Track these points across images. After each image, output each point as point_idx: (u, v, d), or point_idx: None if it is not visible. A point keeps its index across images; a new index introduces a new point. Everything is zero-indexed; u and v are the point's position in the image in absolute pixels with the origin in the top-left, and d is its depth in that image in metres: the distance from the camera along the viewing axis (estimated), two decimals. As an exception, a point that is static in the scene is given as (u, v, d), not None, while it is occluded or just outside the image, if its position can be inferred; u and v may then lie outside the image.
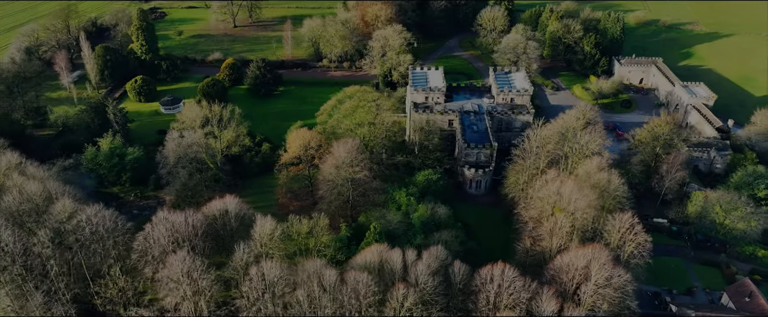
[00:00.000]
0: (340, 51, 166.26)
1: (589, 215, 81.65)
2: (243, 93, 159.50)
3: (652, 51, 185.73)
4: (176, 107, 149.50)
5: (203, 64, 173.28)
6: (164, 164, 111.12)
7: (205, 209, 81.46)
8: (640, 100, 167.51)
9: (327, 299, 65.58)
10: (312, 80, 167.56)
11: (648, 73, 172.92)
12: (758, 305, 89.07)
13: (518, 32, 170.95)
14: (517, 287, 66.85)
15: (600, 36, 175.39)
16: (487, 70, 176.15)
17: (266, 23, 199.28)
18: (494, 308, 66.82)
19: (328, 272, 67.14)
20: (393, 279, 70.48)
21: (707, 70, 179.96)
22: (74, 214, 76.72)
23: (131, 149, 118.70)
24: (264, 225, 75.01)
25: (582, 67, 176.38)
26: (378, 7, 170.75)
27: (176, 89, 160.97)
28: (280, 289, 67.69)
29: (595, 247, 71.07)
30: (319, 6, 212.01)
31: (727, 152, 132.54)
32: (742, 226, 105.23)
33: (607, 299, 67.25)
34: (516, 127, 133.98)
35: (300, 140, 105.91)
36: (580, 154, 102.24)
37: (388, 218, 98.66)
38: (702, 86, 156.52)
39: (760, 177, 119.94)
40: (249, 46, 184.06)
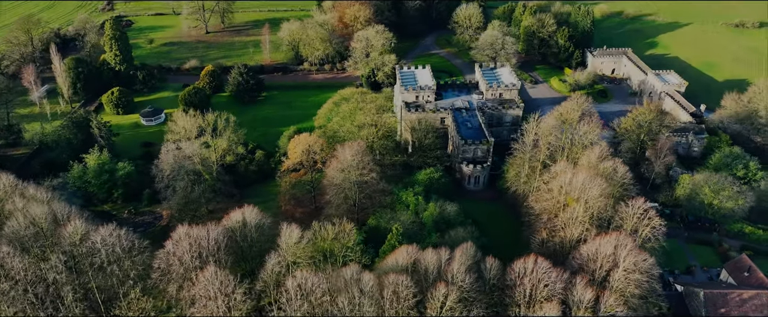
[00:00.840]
0: (321, 54, 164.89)
1: (602, 204, 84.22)
2: (225, 100, 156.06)
3: (618, 42, 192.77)
4: (158, 117, 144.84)
5: (179, 72, 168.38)
6: (161, 177, 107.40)
7: (224, 221, 79.23)
8: (614, 89, 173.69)
9: (368, 304, 65.14)
10: (294, 83, 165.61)
11: (619, 63, 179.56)
12: (758, 279, 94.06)
13: (495, 28, 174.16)
14: (553, 278, 68.30)
15: (572, 29, 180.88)
16: (466, 67, 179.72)
17: (239, 28, 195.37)
18: (531, 300, 68.04)
19: (365, 277, 66.70)
20: (427, 279, 70.66)
21: (672, 58, 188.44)
22: (87, 236, 73.15)
23: (121, 163, 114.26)
24: (290, 234, 73.68)
25: (557, 60, 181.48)
26: (356, 8, 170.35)
27: (154, 100, 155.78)
28: (318, 298, 66.76)
29: (620, 234, 73.47)
30: (292, 8, 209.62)
31: (703, 136, 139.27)
32: (730, 205, 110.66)
33: (636, 283, 69.70)
34: (506, 121, 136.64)
35: (302, 146, 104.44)
36: (579, 144, 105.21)
37: (398, 219, 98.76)
38: (673, 73, 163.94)
39: (737, 158, 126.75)
40: (225, 52, 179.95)
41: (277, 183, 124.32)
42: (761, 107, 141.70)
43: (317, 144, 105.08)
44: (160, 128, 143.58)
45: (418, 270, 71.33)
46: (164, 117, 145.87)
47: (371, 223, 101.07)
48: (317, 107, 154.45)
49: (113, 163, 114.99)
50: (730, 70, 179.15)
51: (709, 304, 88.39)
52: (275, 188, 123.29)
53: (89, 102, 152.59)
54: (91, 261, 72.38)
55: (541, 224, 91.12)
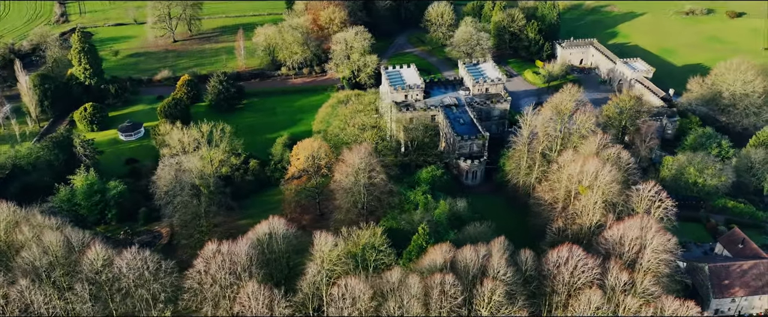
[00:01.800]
0: (300, 57, 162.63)
1: (614, 189, 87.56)
2: (204, 110, 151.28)
3: (581, 33, 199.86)
4: (137, 132, 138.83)
5: (151, 84, 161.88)
6: (160, 194, 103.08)
7: (250, 234, 77.09)
8: (584, 79, 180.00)
9: (418, 306, 65.19)
10: (274, 89, 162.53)
11: (587, 53, 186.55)
12: (752, 249, 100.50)
13: (468, 25, 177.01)
14: (590, 265, 70.52)
15: (539, 23, 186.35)
16: (442, 64, 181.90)
17: (208, 35, 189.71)
18: (572, 288, 70.01)
19: (411, 279, 66.67)
20: (466, 276, 71.36)
21: (633, 46, 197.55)
22: (110, 261, 69.45)
23: (113, 182, 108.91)
24: (325, 242, 72.58)
25: (528, 53, 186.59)
26: (331, 10, 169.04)
27: (129, 114, 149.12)
28: (365, 304, 66.20)
29: (643, 217, 76.70)
30: (259, 12, 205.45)
31: (675, 119, 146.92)
32: (714, 182, 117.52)
33: (665, 263, 73.06)
34: (495, 116, 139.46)
35: (307, 151, 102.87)
36: (576, 133, 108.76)
37: (410, 219, 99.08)
38: (639, 61, 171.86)
39: (710, 137, 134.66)
40: (196, 61, 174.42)
41: (275, 192, 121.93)
42: (724, 89, 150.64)
43: (322, 149, 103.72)
44: (140, 143, 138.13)
45: (456, 268, 71.88)
46: (144, 131, 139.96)
47: (384, 225, 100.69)
48: (301, 112, 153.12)
49: (102, 182, 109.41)
50: (686, 56, 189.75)
51: (714, 277, 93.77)
52: (274, 197, 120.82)
53: (59, 120, 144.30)
54: (117, 287, 68.74)
55: (554, 213, 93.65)
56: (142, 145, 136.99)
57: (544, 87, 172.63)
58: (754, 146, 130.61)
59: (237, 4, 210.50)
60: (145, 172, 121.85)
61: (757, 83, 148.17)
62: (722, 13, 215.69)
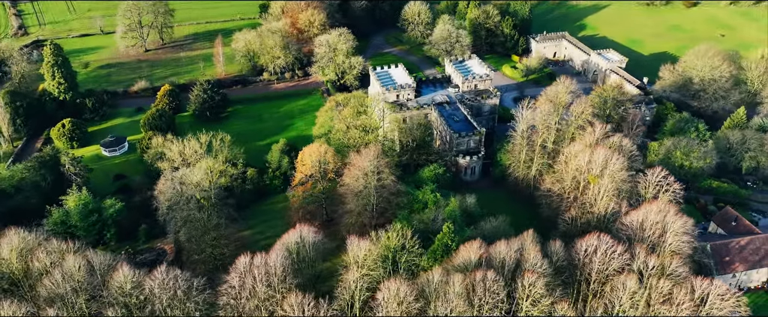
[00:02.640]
0: (282, 62, 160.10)
1: (624, 176, 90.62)
2: (188, 120, 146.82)
3: (551, 27, 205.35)
4: (121, 147, 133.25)
5: (127, 96, 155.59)
6: (163, 209, 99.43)
7: (279, 244, 75.51)
8: (559, 71, 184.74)
9: (464, 304, 65.60)
10: (257, 95, 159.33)
11: (560, 46, 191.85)
12: (745, 226, 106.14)
13: (445, 23, 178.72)
14: (619, 251, 72.76)
15: (512, 18, 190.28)
16: (422, 63, 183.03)
17: (181, 43, 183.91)
18: (605, 275, 72.05)
19: (455, 278, 67.00)
20: (502, 270, 72.29)
21: (601, 38, 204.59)
22: (141, 282, 66.58)
23: (109, 201, 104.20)
24: (359, 247, 71.93)
25: (504, 48, 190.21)
26: (310, 13, 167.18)
27: (109, 128, 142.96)
28: (408, 306, 66.06)
29: (661, 201, 79.72)
30: (231, 18, 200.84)
31: (653, 106, 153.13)
32: (700, 164, 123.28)
33: (688, 244, 76.26)
34: (485, 111, 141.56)
35: (314, 156, 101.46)
36: (574, 125, 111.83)
37: (422, 219, 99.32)
38: (612, 51, 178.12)
39: (688, 122, 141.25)
40: (172, 70, 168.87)
41: (276, 200, 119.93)
42: (694, 75, 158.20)
43: (329, 154, 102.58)
44: (126, 158, 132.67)
45: (492, 263, 72.68)
46: (128, 146, 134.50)
47: (398, 225, 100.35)
48: (289, 117, 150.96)
49: (98, 201, 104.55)
50: (652, 45, 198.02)
51: (716, 255, 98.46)
52: (275, 205, 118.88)
53: (33, 138, 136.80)
54: (151, 309, 65.95)
55: (566, 203, 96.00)
56: (128, 160, 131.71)
57: (522, 81, 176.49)
58: (730, 128, 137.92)
59: (207, 11, 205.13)
60: (138, 188, 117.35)
61: (723, 67, 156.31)
62: (680, 2, 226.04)
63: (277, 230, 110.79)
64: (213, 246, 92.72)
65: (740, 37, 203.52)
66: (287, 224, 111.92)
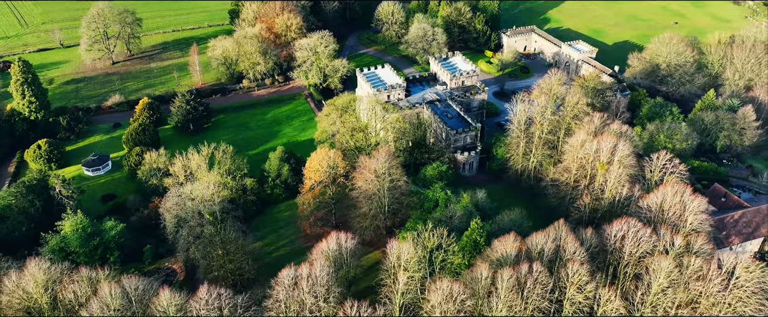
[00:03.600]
0: (263, 68, 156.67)
1: (632, 161, 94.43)
2: (171, 133, 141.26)
3: (518, 21, 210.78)
4: (105, 165, 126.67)
5: (101, 111, 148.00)
6: (171, 227, 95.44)
7: (317, 252, 74.09)
8: (531, 64, 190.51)
9: (514, 297, 66.59)
10: (239, 104, 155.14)
11: (529, 40, 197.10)
12: (734, 201, 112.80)
13: (420, 22, 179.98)
14: (647, 234, 75.79)
15: (482, 14, 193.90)
16: (399, 62, 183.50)
17: (150, 53, 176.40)
18: (636, 257, 74.87)
19: (503, 273, 67.87)
20: (541, 260, 73.79)
21: (566, 29, 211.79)
22: (185, 304, 63.76)
23: (109, 222, 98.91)
24: (404, 251, 71.63)
25: (477, 44, 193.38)
26: (286, 17, 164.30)
27: (87, 146, 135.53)
28: (460, 304, 66.43)
29: (675, 183, 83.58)
30: (199, 26, 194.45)
31: (627, 93, 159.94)
32: (682, 146, 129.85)
33: (704, 221, 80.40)
34: (474, 107, 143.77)
35: (325, 161, 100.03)
36: (570, 114, 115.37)
37: (433, 216, 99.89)
38: (581, 42, 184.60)
39: (662, 106, 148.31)
40: (145, 82, 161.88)
41: (279, 209, 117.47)
42: (660, 61, 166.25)
43: (338, 158, 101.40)
44: (111, 177, 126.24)
45: (531, 255, 74.08)
46: (111, 164, 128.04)
47: (413, 224, 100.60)
48: (277, 124, 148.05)
49: (97, 224, 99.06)
50: (614, 35, 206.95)
51: (714, 230, 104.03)
52: (279, 214, 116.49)
53: (4, 162, 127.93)
54: (198, 332, 63.28)
55: (577, 192, 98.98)
56: (114, 179, 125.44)
57: (499, 75, 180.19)
58: (703, 110, 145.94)
59: (174, 19, 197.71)
60: (133, 207, 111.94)
61: (687, 53, 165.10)
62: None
63: (287, 240, 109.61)
64: (231, 260, 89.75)
65: (692, 24, 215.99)
66: (298, 231, 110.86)
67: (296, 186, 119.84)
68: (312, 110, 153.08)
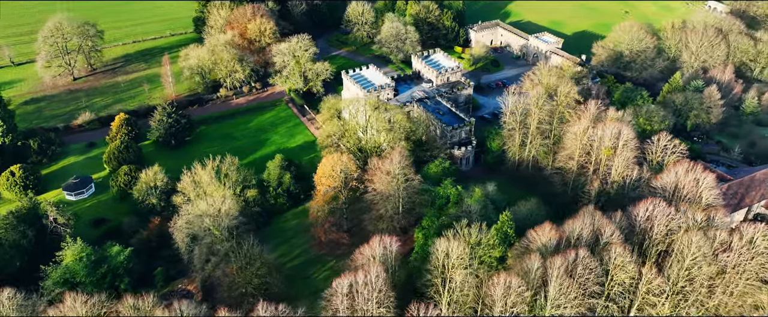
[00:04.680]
0: (241, 76, 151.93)
1: (635, 144, 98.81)
2: (152, 149, 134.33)
3: (482, 17, 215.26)
4: (88, 188, 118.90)
5: (71, 131, 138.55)
6: (186, 247, 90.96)
7: (362, 259, 72.78)
8: (500, 57, 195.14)
9: (568, 284, 68.16)
10: (220, 114, 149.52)
11: (496, 34, 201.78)
12: (719, 175, 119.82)
13: (391, 21, 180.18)
14: (672, 213, 79.57)
15: (448, 10, 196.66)
16: (373, 62, 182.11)
17: (114, 66, 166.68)
18: (664, 234, 78.43)
19: (554, 262, 69.25)
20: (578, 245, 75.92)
21: (526, 22, 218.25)
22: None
23: (115, 247, 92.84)
24: (454, 249, 71.65)
25: (446, 40, 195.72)
26: (259, 22, 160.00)
27: (62, 170, 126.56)
28: (520, 296, 67.33)
29: (686, 162, 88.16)
30: (160, 35, 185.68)
31: (597, 80, 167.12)
32: (660, 127, 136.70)
33: (717, 195, 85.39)
34: (461, 102, 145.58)
35: (338, 167, 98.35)
36: (563, 103, 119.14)
37: (447, 212, 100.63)
38: (547, 34, 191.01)
39: (633, 91, 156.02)
40: (114, 97, 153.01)
41: (285, 218, 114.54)
42: (623, 48, 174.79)
43: (350, 162, 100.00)
44: (97, 200, 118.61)
45: (570, 241, 76.00)
46: (94, 187, 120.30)
47: (426, 224, 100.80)
48: (263, 132, 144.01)
49: (101, 250, 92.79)
50: (572, 25, 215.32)
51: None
52: (286, 223, 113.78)
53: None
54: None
55: (587, 177, 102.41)
56: (101, 201, 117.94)
57: (472, 70, 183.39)
58: (670, 92, 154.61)
59: (132, 29, 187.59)
60: (130, 229, 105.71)
61: (647, 39, 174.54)
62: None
63: (300, 249, 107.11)
64: (257, 275, 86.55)
65: (641, 12, 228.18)
66: (309, 239, 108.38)
67: (298, 194, 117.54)
68: (296, 116, 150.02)
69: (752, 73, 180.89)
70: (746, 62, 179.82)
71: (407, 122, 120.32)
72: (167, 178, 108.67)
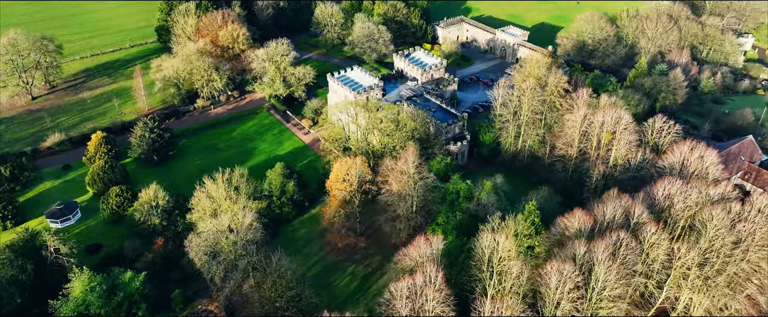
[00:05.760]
0: (219, 85, 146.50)
1: (634, 127, 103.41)
2: (134, 166, 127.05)
3: (445, 13, 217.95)
4: (75, 214, 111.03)
5: (39, 154, 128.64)
6: (208, 267, 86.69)
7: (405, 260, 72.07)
8: (467, 53, 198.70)
9: (619, 265, 70.44)
10: (198, 126, 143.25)
11: (462, 30, 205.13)
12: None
13: (362, 21, 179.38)
14: (687, 189, 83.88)
15: (416, 8, 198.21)
16: (345, 64, 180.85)
17: (73, 83, 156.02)
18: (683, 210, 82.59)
19: (599, 246, 71.35)
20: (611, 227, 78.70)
21: (488, 17, 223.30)
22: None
23: (128, 273, 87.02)
24: (502, 242, 72.29)
25: (415, 38, 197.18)
26: (232, 28, 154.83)
27: (38, 197, 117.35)
28: (574, 282, 68.97)
29: (689, 140, 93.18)
30: (119, 47, 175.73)
31: (567, 69, 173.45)
32: (637, 110, 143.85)
33: (722, 170, 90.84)
34: (446, 98, 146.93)
35: (353, 170, 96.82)
36: (554, 93, 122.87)
37: (460, 206, 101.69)
38: (513, 27, 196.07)
39: (601, 78, 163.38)
40: (81, 115, 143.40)
41: (293, 227, 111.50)
42: (586, 38, 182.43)
43: (363, 165, 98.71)
44: (85, 225, 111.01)
45: (603, 225, 78.56)
46: (80, 212, 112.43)
47: (442, 220, 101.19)
48: (249, 141, 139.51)
49: (108, 279, 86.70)
50: (531, 18, 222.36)
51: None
52: (296, 233, 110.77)
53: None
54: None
55: (586, 163, 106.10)
56: (90, 226, 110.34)
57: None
58: (638, 77, 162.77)
59: (85, 43, 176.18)
60: (131, 253, 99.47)
61: (608, 28, 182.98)
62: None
63: (316, 257, 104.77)
64: (290, 287, 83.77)
65: (592, 4, 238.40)
66: (323, 246, 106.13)
67: (302, 201, 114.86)
68: (280, 122, 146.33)
69: (701, 55, 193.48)
70: (696, 45, 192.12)
71: (413, 122, 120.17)
72: (168, 196, 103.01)
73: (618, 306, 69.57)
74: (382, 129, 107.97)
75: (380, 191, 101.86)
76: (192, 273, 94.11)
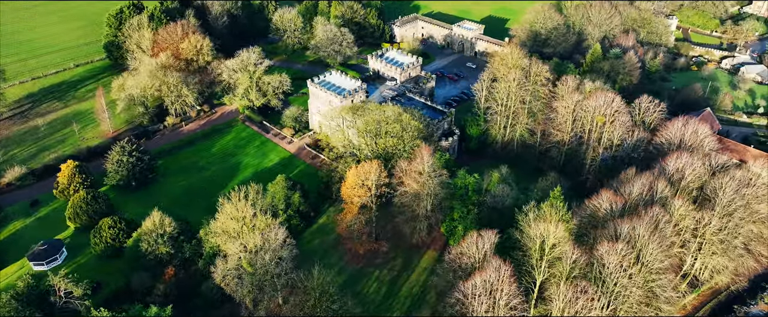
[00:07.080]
0: (191, 100, 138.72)
1: (625, 109, 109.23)
2: (113, 194, 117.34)
3: (397, 12, 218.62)
4: (61, 253, 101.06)
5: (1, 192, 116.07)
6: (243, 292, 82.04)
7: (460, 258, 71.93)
8: (426, 49, 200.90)
9: (660, 237, 74.25)
10: (172, 145, 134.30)
11: (417, 27, 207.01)
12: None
13: (323, 24, 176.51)
14: (693, 161, 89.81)
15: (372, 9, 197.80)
16: (310, 69, 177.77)
17: (19, 110, 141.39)
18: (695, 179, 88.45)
19: (640, 222, 74.80)
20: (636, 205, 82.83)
21: (437, 13, 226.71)
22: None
23: (153, 308, 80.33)
24: (552, 229, 73.82)
25: (373, 38, 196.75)
26: (195, 40, 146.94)
27: (8, 239, 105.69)
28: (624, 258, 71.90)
29: (681, 117, 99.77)
30: (63, 67, 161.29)
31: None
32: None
33: (715, 142, 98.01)
34: (426, 95, 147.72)
35: (371, 176, 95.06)
36: (538, 82, 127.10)
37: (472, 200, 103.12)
38: (468, 22, 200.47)
39: (561, 64, 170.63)
40: (37, 144, 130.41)
41: (304, 239, 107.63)
42: (539, 28, 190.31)
43: (380, 170, 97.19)
44: (74, 264, 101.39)
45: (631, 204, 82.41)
46: (66, 252, 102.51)
47: (457, 215, 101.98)
48: (231, 155, 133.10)
49: (130, 313, 79.81)
50: (475, 13, 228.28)
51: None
52: (309, 244, 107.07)
53: None
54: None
55: (582, 147, 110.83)
56: (80, 265, 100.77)
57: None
58: (595, 61, 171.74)
59: (20, 66, 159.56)
60: (140, 288, 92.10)
61: (557, 18, 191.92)
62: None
63: (337, 267, 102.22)
64: (334, 301, 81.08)
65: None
66: (341, 255, 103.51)
67: (308, 212, 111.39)
68: (259, 134, 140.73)
69: (640, 37, 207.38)
70: (635, 28, 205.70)
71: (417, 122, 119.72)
72: (174, 222, 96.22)
73: (666, 277, 73.35)
74: (389, 131, 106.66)
75: (395, 194, 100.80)
76: (214, 299, 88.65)
